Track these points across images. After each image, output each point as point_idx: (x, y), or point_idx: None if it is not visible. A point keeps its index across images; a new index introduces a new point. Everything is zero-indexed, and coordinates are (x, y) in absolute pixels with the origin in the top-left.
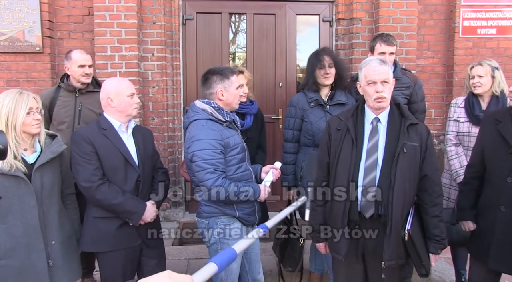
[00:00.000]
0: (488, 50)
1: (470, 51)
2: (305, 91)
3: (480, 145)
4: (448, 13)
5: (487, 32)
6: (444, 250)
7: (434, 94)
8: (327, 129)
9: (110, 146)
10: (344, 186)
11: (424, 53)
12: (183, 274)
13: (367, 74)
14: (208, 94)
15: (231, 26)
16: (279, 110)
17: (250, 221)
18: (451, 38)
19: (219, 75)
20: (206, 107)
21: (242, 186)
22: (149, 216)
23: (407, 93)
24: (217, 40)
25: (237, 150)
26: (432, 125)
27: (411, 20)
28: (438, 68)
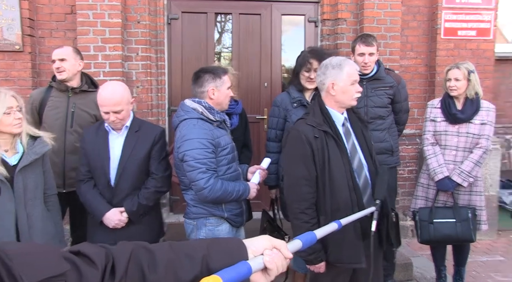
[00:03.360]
0: (468, 52)
1: (452, 52)
2: (289, 91)
3: None
4: (430, 14)
5: (467, 34)
6: (424, 247)
7: (417, 94)
8: (304, 141)
9: (95, 145)
10: (346, 193)
11: (407, 53)
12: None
13: (351, 73)
14: (199, 93)
15: (216, 26)
16: (264, 110)
17: (238, 222)
18: (433, 39)
19: (212, 74)
20: (196, 107)
21: (233, 185)
22: (110, 222)
23: (391, 93)
24: (203, 40)
25: (228, 150)
26: (414, 125)
27: (395, 21)
28: (421, 69)
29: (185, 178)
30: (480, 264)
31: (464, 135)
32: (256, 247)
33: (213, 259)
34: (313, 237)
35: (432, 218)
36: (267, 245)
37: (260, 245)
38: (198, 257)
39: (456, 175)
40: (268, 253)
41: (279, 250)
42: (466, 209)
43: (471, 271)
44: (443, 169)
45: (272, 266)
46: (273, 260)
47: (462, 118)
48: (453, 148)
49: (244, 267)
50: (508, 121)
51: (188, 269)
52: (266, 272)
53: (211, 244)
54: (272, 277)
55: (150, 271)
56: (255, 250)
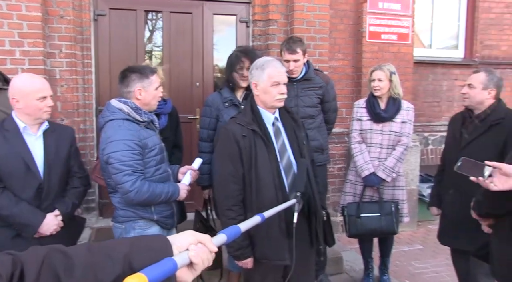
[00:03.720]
0: (391, 54)
1: (376, 54)
2: (220, 91)
3: (445, 142)
4: (356, 18)
5: (389, 38)
6: (353, 241)
7: (345, 95)
8: (232, 139)
9: (9, 149)
10: (272, 191)
11: (335, 55)
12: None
13: (272, 75)
14: (126, 93)
15: (147, 24)
16: (196, 110)
17: (168, 224)
18: (359, 42)
19: (138, 74)
20: (122, 107)
21: (162, 187)
22: (48, 229)
23: (320, 93)
24: (132, 38)
25: (156, 151)
26: (343, 124)
27: (323, 23)
28: (348, 70)
29: (111, 180)
30: (402, 253)
31: (387, 133)
32: (181, 243)
33: (136, 258)
34: (237, 230)
35: (360, 213)
36: (192, 240)
37: (184, 241)
38: (119, 256)
39: (381, 171)
40: (193, 248)
41: (204, 244)
42: (390, 203)
43: (394, 260)
44: (369, 165)
45: (198, 260)
46: (198, 254)
47: (385, 117)
48: (378, 146)
49: (169, 263)
50: (426, 120)
51: (109, 270)
52: (192, 267)
53: (134, 243)
54: (198, 272)
55: (66, 275)
56: (180, 246)
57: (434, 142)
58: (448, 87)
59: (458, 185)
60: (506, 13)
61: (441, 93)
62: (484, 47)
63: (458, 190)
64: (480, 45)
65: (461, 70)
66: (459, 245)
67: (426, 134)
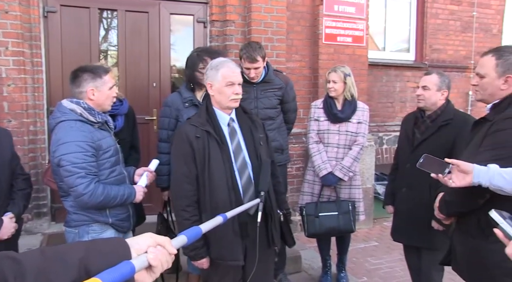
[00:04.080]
0: (346, 56)
1: (332, 56)
2: (180, 91)
3: (398, 141)
4: (312, 20)
5: (345, 40)
6: (312, 240)
7: (302, 95)
8: (185, 140)
9: None
10: (225, 192)
11: (292, 56)
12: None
13: (226, 75)
14: (78, 93)
15: (102, 23)
16: (153, 111)
17: (124, 227)
18: (315, 44)
19: (91, 74)
20: (75, 108)
21: (117, 189)
22: (6, 233)
23: (279, 94)
24: (86, 36)
25: (110, 152)
26: (301, 125)
27: (280, 25)
28: (305, 71)
29: (63, 183)
30: (359, 250)
31: (344, 133)
32: (139, 246)
33: (92, 262)
34: (198, 231)
35: (318, 212)
36: (151, 242)
37: (143, 243)
38: (74, 261)
39: (338, 170)
40: (152, 251)
41: (163, 247)
42: (347, 202)
43: (351, 257)
44: (326, 165)
45: (156, 263)
46: (157, 257)
47: (342, 118)
48: (335, 145)
49: (126, 266)
50: (380, 121)
51: (64, 275)
52: (151, 269)
53: (90, 246)
54: (157, 274)
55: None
56: (138, 249)
57: (388, 141)
58: (401, 89)
59: (410, 183)
60: (451, 19)
61: (395, 94)
62: (433, 50)
63: (410, 188)
64: (429, 48)
65: (412, 72)
66: (411, 242)
67: (381, 134)
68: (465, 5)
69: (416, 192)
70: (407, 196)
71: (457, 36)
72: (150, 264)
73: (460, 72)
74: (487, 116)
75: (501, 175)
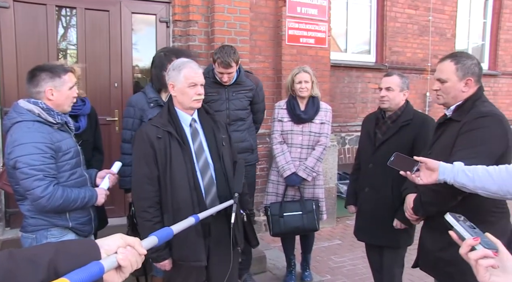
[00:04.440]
0: (309, 57)
1: (295, 57)
2: (145, 91)
3: (359, 141)
4: (276, 21)
5: (307, 42)
6: (276, 239)
7: (266, 96)
8: (146, 140)
9: None
10: (187, 192)
11: (256, 57)
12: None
13: (188, 76)
14: (35, 93)
15: (61, 20)
16: (115, 112)
17: (85, 231)
18: (279, 45)
19: (49, 73)
20: (32, 108)
21: (77, 192)
22: None
23: (250, 95)
24: (42, 34)
25: (70, 154)
26: (264, 125)
27: (243, 25)
28: (269, 72)
29: (19, 187)
30: (323, 249)
31: (307, 134)
32: (109, 246)
33: (62, 263)
34: (169, 232)
35: (282, 212)
36: (121, 243)
37: (113, 244)
38: (43, 262)
39: (302, 170)
40: (121, 251)
41: (133, 247)
42: (311, 201)
43: (315, 256)
44: (290, 165)
45: (126, 263)
46: (126, 257)
47: (305, 118)
48: (298, 146)
49: (95, 267)
50: (342, 121)
51: (32, 276)
52: (121, 270)
53: (59, 248)
54: (126, 274)
55: None
56: (108, 249)
57: (350, 141)
58: (362, 90)
59: (373, 183)
60: (409, 23)
61: (356, 95)
62: (393, 53)
63: (373, 188)
64: (389, 51)
65: (373, 74)
66: (375, 241)
67: (343, 134)
68: (421, 10)
69: (378, 191)
70: (370, 196)
71: (415, 39)
72: (119, 264)
73: (418, 74)
74: (453, 117)
75: (464, 172)
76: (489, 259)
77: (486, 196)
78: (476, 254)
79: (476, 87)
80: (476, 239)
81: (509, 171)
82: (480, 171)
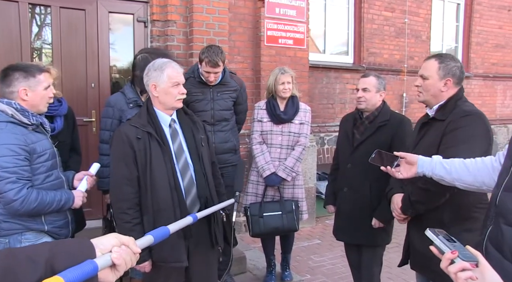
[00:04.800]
0: (288, 58)
1: (274, 58)
2: (124, 92)
3: (337, 142)
4: (254, 22)
5: (286, 42)
6: (256, 240)
7: None
8: (125, 141)
9: None
10: (167, 192)
11: (235, 58)
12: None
13: (172, 76)
14: (8, 93)
15: (35, 18)
16: (92, 113)
17: (62, 235)
18: (258, 46)
19: (23, 73)
20: (5, 108)
21: (53, 195)
22: None
23: (235, 96)
24: (15, 33)
25: (46, 156)
26: (244, 125)
27: (222, 26)
28: (248, 72)
29: None
30: (302, 249)
31: (287, 134)
32: (104, 245)
33: (58, 262)
34: (165, 231)
35: (262, 212)
36: (115, 242)
37: (108, 243)
38: (41, 260)
39: (281, 170)
40: (116, 250)
41: (127, 246)
42: (290, 202)
43: (295, 256)
44: (270, 165)
45: (120, 262)
46: (120, 256)
47: (284, 118)
48: (278, 146)
49: (89, 265)
50: (321, 121)
51: (30, 273)
52: (115, 268)
53: (55, 247)
54: (121, 272)
55: None
56: (103, 248)
57: (329, 141)
58: (340, 90)
59: (351, 183)
60: (386, 25)
61: (335, 96)
62: (370, 54)
63: (352, 188)
64: (367, 52)
65: (351, 75)
66: (353, 240)
67: (322, 134)
68: (398, 12)
69: (357, 191)
70: (348, 196)
71: (392, 41)
72: (114, 262)
73: (395, 75)
74: (436, 116)
75: (442, 165)
76: (467, 272)
77: (463, 187)
78: (454, 267)
79: (456, 88)
80: (454, 252)
81: (484, 162)
82: (457, 163)
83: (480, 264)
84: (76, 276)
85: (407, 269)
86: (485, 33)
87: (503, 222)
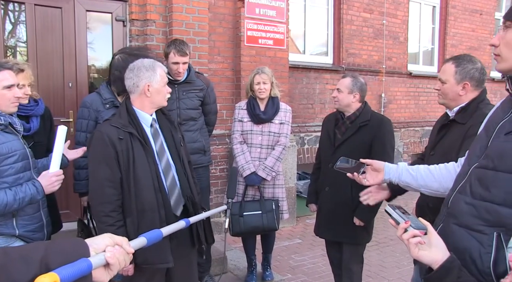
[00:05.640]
0: (268, 58)
1: (254, 58)
2: (99, 92)
3: (319, 141)
4: (234, 22)
5: (266, 43)
6: (238, 240)
7: (225, 97)
8: (107, 142)
9: None
10: (152, 193)
11: (215, 58)
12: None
13: (163, 75)
14: None
15: (8, 16)
16: (70, 113)
17: (36, 239)
18: (238, 46)
19: None
20: None
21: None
22: None
23: (201, 95)
24: None
25: (15, 157)
26: (224, 126)
27: (202, 26)
28: (228, 73)
29: None
30: (283, 248)
31: (267, 134)
32: (98, 245)
33: (53, 260)
34: (158, 234)
35: (242, 212)
36: (109, 242)
37: (101, 243)
38: (35, 259)
39: (261, 170)
40: (109, 250)
41: (120, 246)
42: (270, 201)
43: (276, 256)
44: (250, 165)
45: (113, 261)
46: (114, 255)
47: (264, 118)
48: (258, 146)
49: (83, 263)
50: (301, 121)
51: (24, 272)
52: (109, 267)
53: (49, 246)
54: (114, 272)
55: None
56: (97, 248)
57: (309, 141)
58: (320, 91)
59: (333, 182)
60: (364, 26)
61: (314, 96)
62: (349, 55)
63: (333, 187)
64: (346, 53)
65: (331, 75)
66: (335, 238)
67: (302, 134)
68: (376, 14)
69: (338, 190)
70: (330, 195)
71: (370, 42)
72: (107, 262)
73: (374, 75)
74: (456, 119)
75: (408, 171)
76: (417, 237)
77: (429, 194)
78: (407, 234)
79: (477, 91)
80: (407, 223)
81: (447, 168)
82: (422, 169)
83: (429, 232)
84: (70, 273)
85: (387, 267)
86: (459, 36)
87: (453, 222)
